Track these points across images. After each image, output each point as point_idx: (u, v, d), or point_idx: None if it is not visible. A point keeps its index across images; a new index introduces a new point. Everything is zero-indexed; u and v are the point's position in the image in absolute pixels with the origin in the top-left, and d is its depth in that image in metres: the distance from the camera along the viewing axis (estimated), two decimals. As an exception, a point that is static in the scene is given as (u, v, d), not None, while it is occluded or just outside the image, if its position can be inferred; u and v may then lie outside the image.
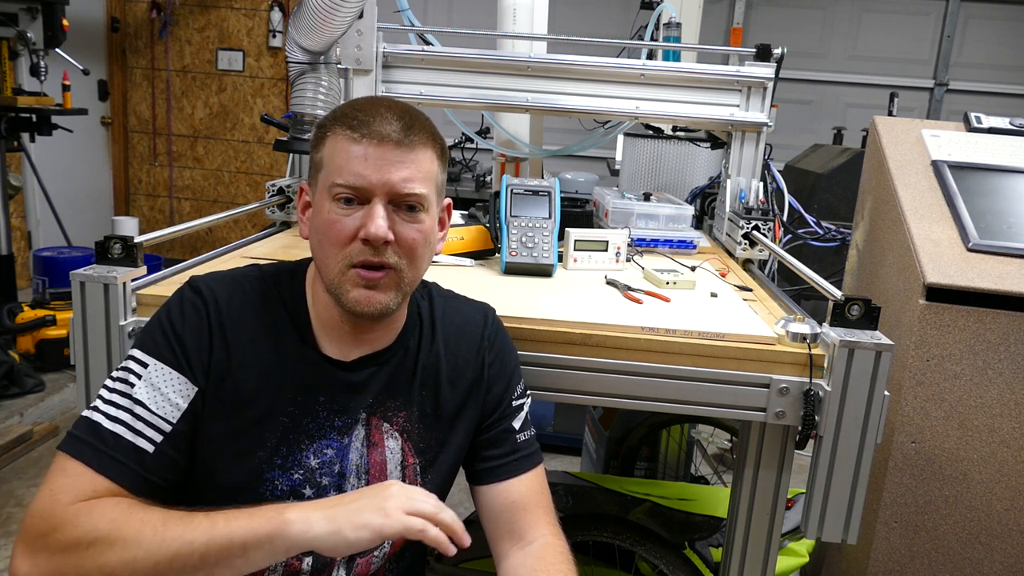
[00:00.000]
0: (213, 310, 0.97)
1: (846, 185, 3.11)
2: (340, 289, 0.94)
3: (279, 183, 1.79)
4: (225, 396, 0.95)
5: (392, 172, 0.92)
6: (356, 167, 0.92)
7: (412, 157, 0.94)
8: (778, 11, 5.16)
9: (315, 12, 1.50)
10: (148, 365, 0.93)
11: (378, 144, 0.92)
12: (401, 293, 0.97)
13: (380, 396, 1.02)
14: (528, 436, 1.11)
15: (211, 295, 0.98)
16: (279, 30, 5.32)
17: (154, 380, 0.93)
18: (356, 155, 0.92)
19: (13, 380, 3.25)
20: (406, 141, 0.93)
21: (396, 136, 0.93)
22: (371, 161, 0.92)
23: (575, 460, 3.09)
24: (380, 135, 0.92)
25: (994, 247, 1.57)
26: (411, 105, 0.99)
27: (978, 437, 1.56)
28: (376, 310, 0.94)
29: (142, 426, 0.90)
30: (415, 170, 0.94)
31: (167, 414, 0.92)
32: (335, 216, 0.93)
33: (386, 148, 0.92)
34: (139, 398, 0.91)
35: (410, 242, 0.95)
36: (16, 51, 3.70)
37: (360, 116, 0.93)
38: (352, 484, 1.01)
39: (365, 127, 0.92)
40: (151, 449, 0.90)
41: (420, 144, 0.95)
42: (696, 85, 1.83)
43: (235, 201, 5.67)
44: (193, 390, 0.94)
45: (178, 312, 0.97)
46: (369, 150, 0.92)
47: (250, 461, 0.96)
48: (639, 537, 1.64)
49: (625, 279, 1.47)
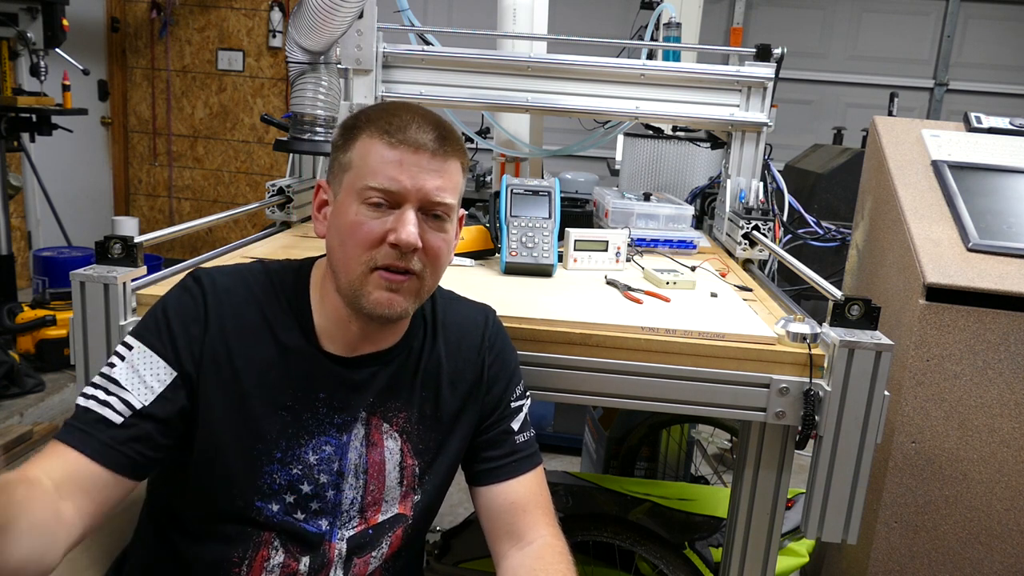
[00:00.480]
0: (211, 299, 0.97)
1: (846, 185, 3.11)
2: (360, 290, 0.94)
3: (279, 183, 1.79)
4: (223, 384, 0.95)
5: (426, 180, 0.93)
6: (391, 171, 0.92)
7: (445, 167, 0.95)
8: (778, 11, 5.16)
9: (315, 12, 1.50)
10: (132, 348, 0.94)
11: (414, 151, 0.93)
12: (419, 300, 0.98)
13: (381, 396, 1.02)
14: (527, 437, 1.11)
15: (211, 284, 0.98)
16: (279, 30, 5.32)
17: (135, 362, 0.93)
18: (391, 159, 0.92)
19: (13, 380, 3.25)
20: (440, 151, 0.94)
21: (432, 145, 0.93)
22: (406, 167, 0.92)
23: (575, 460, 3.09)
24: (416, 142, 0.93)
25: (994, 247, 1.57)
26: (440, 115, 0.99)
27: (978, 437, 1.56)
28: (395, 313, 0.95)
29: (113, 400, 0.90)
30: (447, 180, 0.95)
31: (140, 394, 0.91)
32: (363, 218, 0.93)
33: (422, 156, 0.93)
34: (115, 377, 0.92)
35: (436, 250, 0.96)
36: (16, 51, 3.70)
37: (395, 121, 0.94)
38: (350, 483, 1.01)
39: (401, 132, 0.93)
40: (118, 420, 0.89)
41: (452, 155, 0.96)
42: (696, 85, 1.83)
43: (235, 201, 5.67)
44: (172, 375, 0.93)
45: (174, 299, 0.97)
46: (405, 156, 0.92)
47: (249, 453, 0.96)
48: (639, 537, 1.64)
49: (625, 279, 1.47)
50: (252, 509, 0.97)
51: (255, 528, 0.98)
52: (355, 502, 1.02)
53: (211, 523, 0.98)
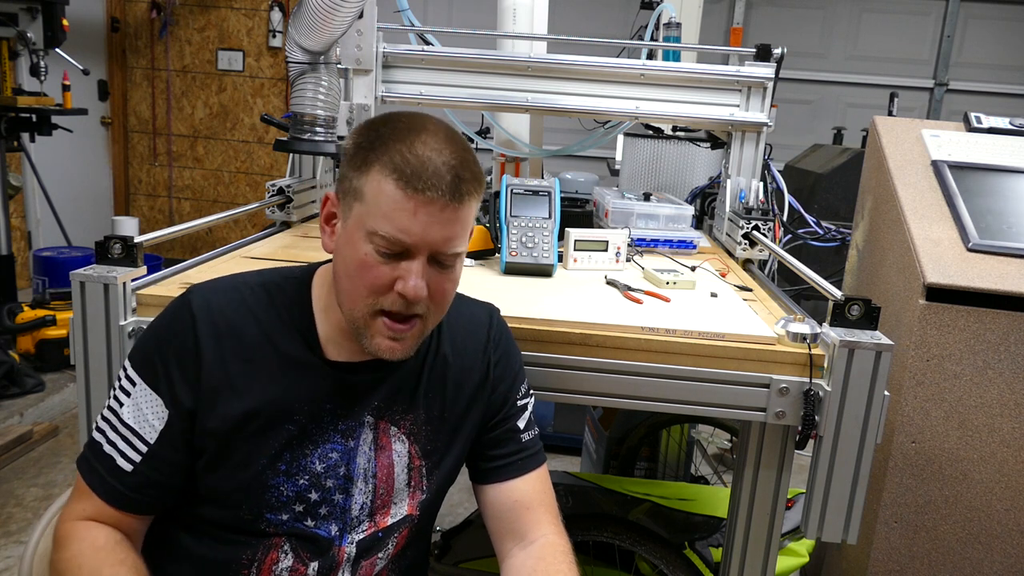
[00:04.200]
0: (203, 325, 0.95)
1: (846, 185, 3.11)
2: (364, 332, 0.93)
3: (279, 183, 1.79)
4: (224, 407, 0.95)
5: (438, 232, 0.89)
6: (403, 222, 0.87)
7: (459, 216, 0.90)
8: (778, 11, 5.16)
9: (315, 12, 1.50)
10: (136, 384, 0.96)
11: (428, 203, 0.87)
12: (422, 338, 0.97)
13: (387, 400, 1.02)
14: (532, 436, 1.11)
15: (202, 306, 0.96)
16: (279, 30, 5.32)
17: (139, 401, 0.96)
18: (404, 208, 0.87)
19: (13, 380, 3.25)
20: (456, 198, 0.89)
21: (448, 194, 0.88)
22: (419, 219, 0.88)
23: (575, 460, 3.09)
24: (431, 193, 0.87)
25: (994, 247, 1.57)
26: (458, 136, 0.94)
27: (978, 437, 1.56)
28: (398, 358, 0.95)
29: (122, 444, 0.96)
30: (460, 228, 0.92)
31: (146, 434, 0.95)
32: (372, 260, 0.90)
33: (435, 207, 0.88)
34: (123, 417, 0.96)
35: (443, 293, 0.95)
36: (16, 51, 3.71)
37: (411, 161, 0.87)
38: (360, 488, 1.01)
39: (418, 179, 0.87)
40: (128, 468, 0.95)
41: (468, 196, 0.91)
42: (696, 85, 1.83)
43: (235, 201, 5.67)
44: (166, 413, 0.95)
45: (165, 329, 0.97)
46: (419, 207, 0.87)
47: (254, 468, 0.96)
48: (639, 537, 1.64)
49: (625, 279, 1.47)
50: (261, 520, 0.97)
51: (264, 536, 0.98)
52: (365, 507, 1.02)
53: (220, 530, 0.98)
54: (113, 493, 0.95)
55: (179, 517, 1.01)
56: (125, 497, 0.95)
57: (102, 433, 0.97)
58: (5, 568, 2.25)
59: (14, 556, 2.31)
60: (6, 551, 2.36)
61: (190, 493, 0.98)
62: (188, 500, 0.99)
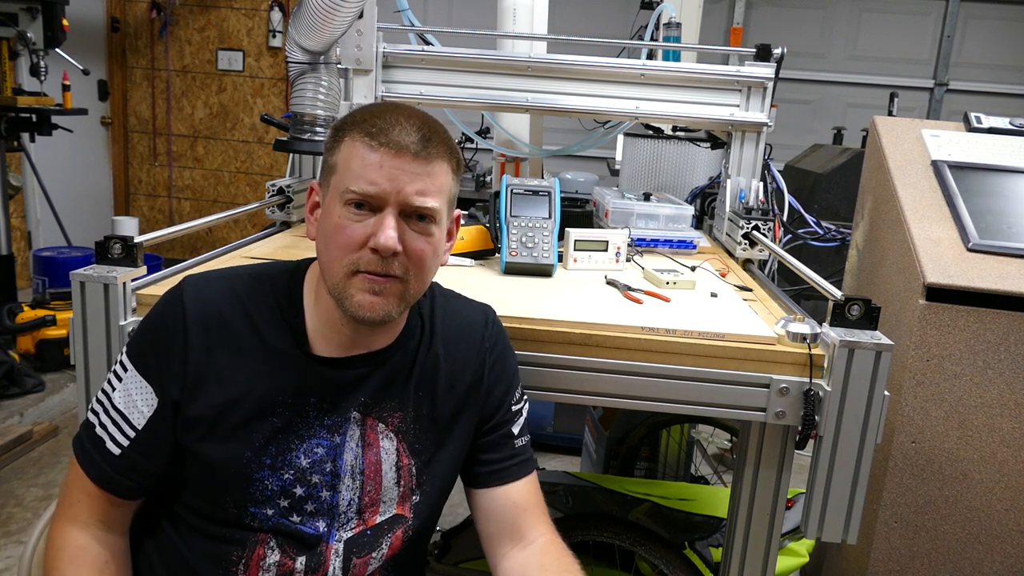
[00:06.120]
0: (193, 315, 0.96)
1: (846, 185, 3.11)
2: (344, 293, 0.94)
3: (279, 183, 1.79)
4: (210, 398, 0.95)
5: (407, 184, 0.92)
6: (371, 175, 0.91)
7: (428, 170, 0.93)
8: (778, 11, 5.16)
9: (315, 12, 1.50)
10: (127, 371, 0.99)
11: (395, 154, 0.91)
12: (404, 303, 0.97)
13: (375, 396, 1.02)
14: (526, 441, 1.11)
15: (193, 297, 0.98)
16: (279, 30, 5.32)
17: (129, 387, 0.98)
18: (372, 163, 0.91)
19: (13, 380, 3.25)
20: (423, 153, 0.92)
21: (414, 148, 0.92)
22: (386, 170, 0.91)
23: (575, 460, 3.09)
24: (398, 145, 0.91)
25: (994, 247, 1.57)
26: (430, 115, 0.98)
27: (978, 437, 1.56)
28: (378, 316, 0.94)
29: (112, 427, 0.98)
30: (429, 183, 0.93)
31: (135, 419, 0.98)
32: (345, 221, 0.92)
33: (403, 159, 0.91)
34: (115, 401, 0.99)
35: (419, 253, 0.94)
36: (16, 51, 3.71)
37: (379, 123, 0.92)
38: (347, 484, 1.01)
39: (383, 135, 0.91)
40: (116, 452, 0.98)
41: (437, 157, 0.94)
42: (696, 85, 1.83)
43: (235, 201, 5.67)
44: (155, 400, 0.97)
45: (157, 317, 0.99)
46: (385, 159, 0.91)
47: (239, 461, 0.96)
48: (639, 537, 1.64)
49: (625, 279, 1.47)
50: (246, 515, 0.97)
51: (250, 530, 0.98)
52: (352, 503, 1.02)
53: (207, 524, 0.99)
54: (102, 474, 0.98)
55: (168, 512, 1.02)
56: (111, 479, 0.98)
57: (95, 415, 1.00)
58: (5, 568, 2.25)
59: (14, 556, 2.31)
60: (6, 551, 2.36)
61: (178, 484, 0.99)
62: (175, 492, 1.00)
